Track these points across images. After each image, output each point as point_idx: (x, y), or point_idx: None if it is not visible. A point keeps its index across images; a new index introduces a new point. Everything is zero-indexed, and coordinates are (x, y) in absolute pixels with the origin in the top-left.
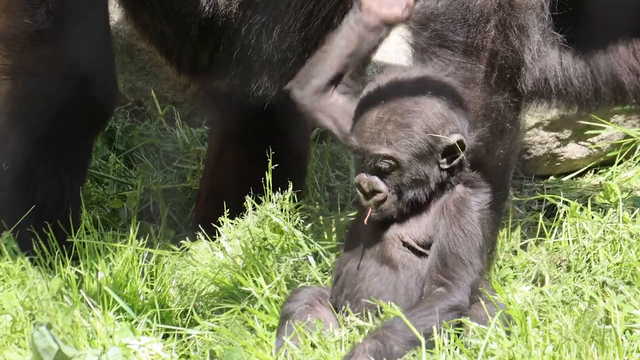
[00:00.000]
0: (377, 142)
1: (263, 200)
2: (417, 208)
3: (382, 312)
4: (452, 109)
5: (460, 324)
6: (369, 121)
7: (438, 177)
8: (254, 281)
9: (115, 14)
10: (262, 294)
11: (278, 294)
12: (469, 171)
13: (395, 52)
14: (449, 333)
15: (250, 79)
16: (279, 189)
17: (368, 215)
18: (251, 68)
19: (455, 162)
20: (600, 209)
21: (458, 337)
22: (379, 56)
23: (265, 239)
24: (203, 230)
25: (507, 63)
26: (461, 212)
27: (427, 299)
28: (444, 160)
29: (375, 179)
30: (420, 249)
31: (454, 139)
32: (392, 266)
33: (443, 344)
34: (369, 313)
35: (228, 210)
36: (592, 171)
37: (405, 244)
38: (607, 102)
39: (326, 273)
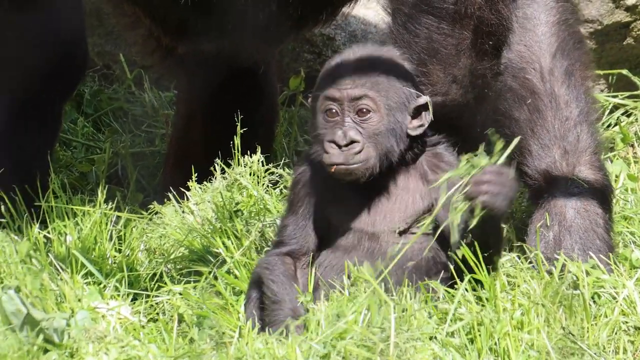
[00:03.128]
0: (359, 85)
1: (232, 164)
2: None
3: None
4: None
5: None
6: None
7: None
8: (224, 244)
9: None
10: (232, 257)
11: (247, 258)
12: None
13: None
14: (419, 297)
15: (242, 44)
16: (248, 152)
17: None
18: (244, 34)
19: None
20: None
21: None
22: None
23: (237, 203)
24: (172, 193)
25: (494, 30)
26: (451, 164)
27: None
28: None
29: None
30: (415, 228)
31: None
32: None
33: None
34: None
35: (196, 174)
36: None
37: (401, 232)
38: None
39: None
